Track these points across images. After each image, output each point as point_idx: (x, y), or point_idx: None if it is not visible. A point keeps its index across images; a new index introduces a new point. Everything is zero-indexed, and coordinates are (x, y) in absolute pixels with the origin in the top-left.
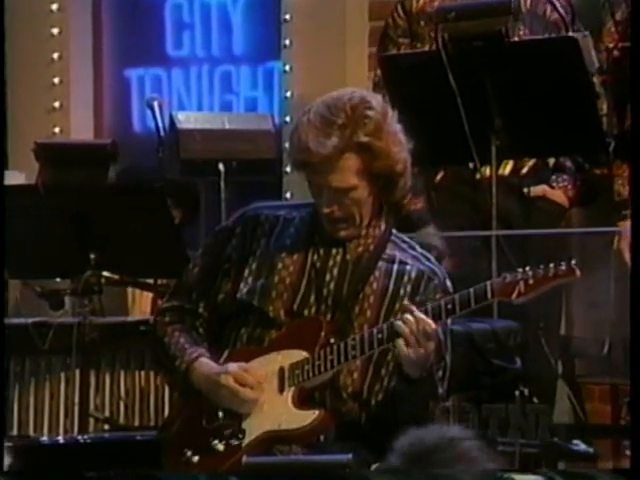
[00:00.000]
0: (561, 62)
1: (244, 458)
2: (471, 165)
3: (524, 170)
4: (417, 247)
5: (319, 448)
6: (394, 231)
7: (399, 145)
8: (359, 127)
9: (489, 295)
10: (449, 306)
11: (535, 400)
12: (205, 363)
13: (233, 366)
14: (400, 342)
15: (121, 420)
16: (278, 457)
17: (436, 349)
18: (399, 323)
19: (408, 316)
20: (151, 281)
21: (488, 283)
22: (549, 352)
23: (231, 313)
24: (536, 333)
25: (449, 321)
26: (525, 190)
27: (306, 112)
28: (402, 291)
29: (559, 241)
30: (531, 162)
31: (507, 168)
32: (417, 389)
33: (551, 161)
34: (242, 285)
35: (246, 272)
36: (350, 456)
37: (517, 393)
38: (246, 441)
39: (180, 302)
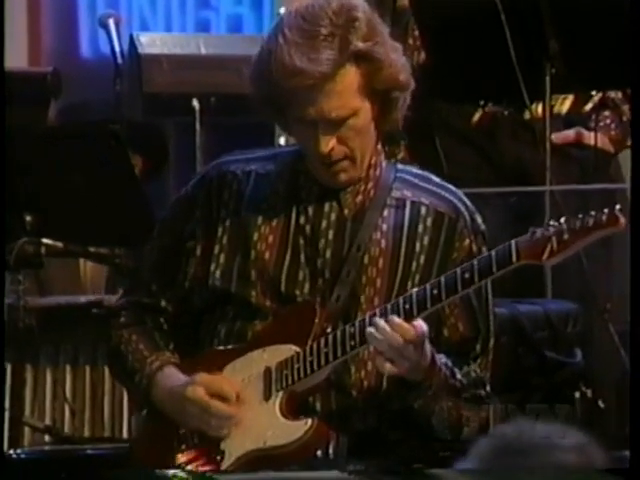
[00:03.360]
0: None
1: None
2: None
3: (587, 107)
4: (433, 177)
5: (327, 467)
6: (399, 165)
7: (396, 51)
8: (350, 33)
9: (514, 257)
10: (466, 275)
11: (601, 404)
12: (169, 374)
13: (201, 375)
14: (379, 360)
15: (66, 430)
16: (265, 474)
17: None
18: (371, 334)
19: (379, 322)
20: (106, 251)
21: (512, 243)
22: (619, 342)
23: (203, 305)
24: (602, 318)
25: (489, 294)
26: (554, 137)
27: (276, 31)
28: (418, 246)
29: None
30: (597, 98)
31: (565, 104)
32: (419, 394)
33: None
34: (213, 267)
35: (216, 249)
36: (355, 468)
37: (577, 395)
38: (226, 464)
39: (137, 297)
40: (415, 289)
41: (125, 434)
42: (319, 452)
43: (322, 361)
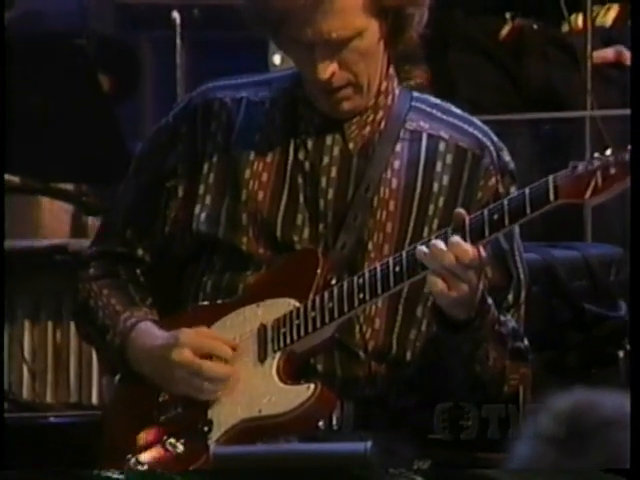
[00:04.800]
0: None
1: (212, 448)
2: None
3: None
4: (454, 108)
5: (328, 439)
6: (415, 93)
7: None
8: None
9: (552, 196)
10: (494, 216)
11: None
12: (146, 331)
13: (187, 333)
14: (432, 277)
15: (24, 395)
16: (262, 446)
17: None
18: (423, 252)
19: (436, 242)
20: (71, 187)
21: (550, 178)
22: None
23: (186, 254)
24: None
25: (517, 239)
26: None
27: None
28: (436, 186)
29: None
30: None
31: (609, 15)
32: (468, 336)
33: None
34: (197, 209)
35: (201, 189)
36: (369, 444)
37: (621, 354)
38: (214, 436)
39: (109, 245)
40: (434, 235)
41: (94, 400)
42: (321, 423)
43: (326, 317)
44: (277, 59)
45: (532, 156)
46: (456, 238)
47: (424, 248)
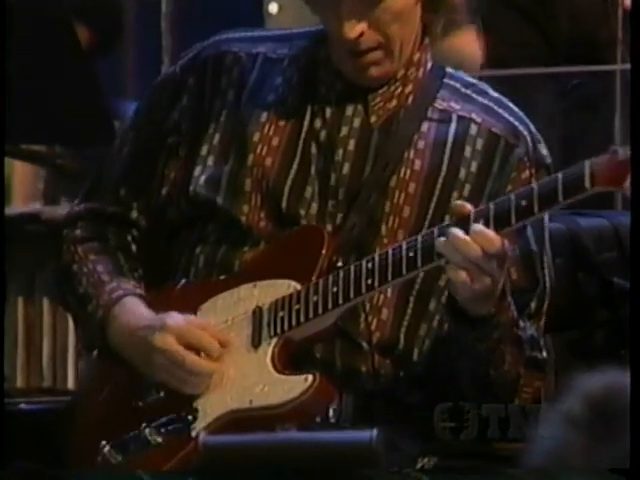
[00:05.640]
0: None
1: (202, 437)
2: None
3: None
4: (490, 90)
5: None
6: (448, 69)
7: None
8: None
9: (587, 182)
10: (522, 202)
11: None
12: (131, 308)
13: (175, 319)
14: (453, 269)
15: None
16: (257, 436)
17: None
18: (442, 244)
19: (457, 231)
20: (44, 149)
21: (586, 164)
22: None
23: (180, 220)
24: None
25: (546, 217)
26: None
27: None
28: (463, 172)
29: None
30: None
31: None
32: (485, 334)
33: None
34: (198, 171)
35: (204, 149)
36: (375, 433)
37: None
38: (199, 426)
39: (101, 204)
40: (454, 219)
41: (70, 384)
42: (318, 418)
43: (329, 303)
44: (274, 7)
45: (557, 114)
46: (479, 226)
47: (443, 239)
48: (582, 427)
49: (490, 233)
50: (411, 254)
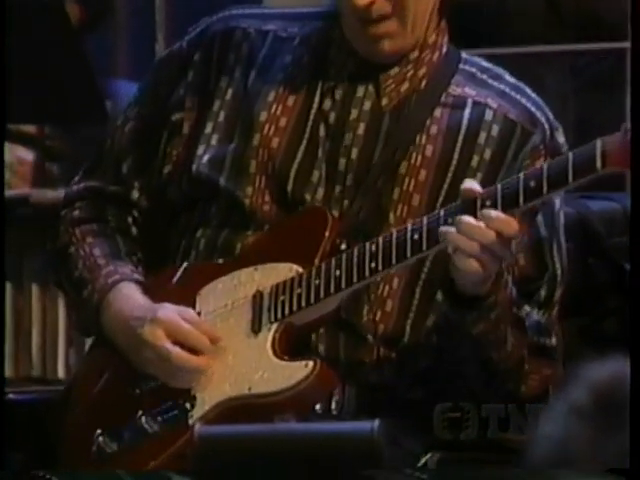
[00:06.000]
0: None
1: (197, 428)
2: None
3: None
4: (506, 75)
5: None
6: (464, 54)
7: None
8: None
9: (598, 163)
10: (531, 183)
11: None
12: (126, 295)
13: (166, 310)
14: (463, 257)
15: None
16: (255, 427)
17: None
18: (450, 233)
19: (466, 219)
20: (33, 129)
21: (598, 143)
22: None
23: (182, 201)
24: None
25: (557, 203)
26: None
27: None
28: (476, 159)
29: None
30: None
31: None
32: (482, 315)
33: None
34: (201, 150)
35: (208, 127)
36: (377, 424)
37: None
38: (196, 415)
39: (101, 182)
40: (459, 202)
41: (60, 374)
42: (318, 406)
43: (331, 287)
44: None
45: (567, 92)
46: (491, 211)
47: (453, 229)
48: (587, 418)
49: (504, 215)
50: (416, 237)
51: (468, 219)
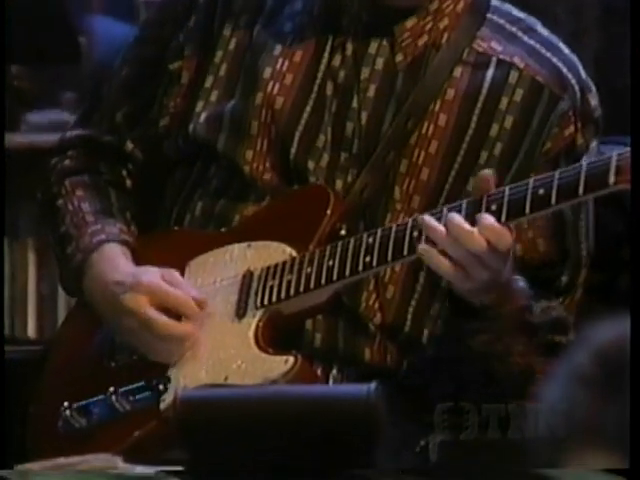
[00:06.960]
0: None
1: (179, 393)
2: None
3: None
4: (539, 27)
5: None
6: (494, 1)
7: None
8: None
9: (611, 178)
10: (540, 191)
11: None
12: (109, 258)
13: (150, 275)
14: (442, 260)
15: None
16: (243, 389)
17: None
18: (437, 229)
19: (456, 218)
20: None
21: (613, 157)
22: None
23: (178, 157)
24: None
25: (590, 212)
26: None
27: None
28: (496, 127)
29: None
30: None
31: None
32: (484, 326)
33: None
34: (199, 106)
35: (208, 81)
36: (373, 387)
37: None
38: (168, 399)
39: (94, 130)
40: (465, 200)
41: (30, 332)
42: None
43: (322, 277)
44: None
45: (576, 30)
46: (489, 218)
47: (440, 226)
48: (592, 384)
49: (498, 226)
50: (415, 233)
51: (459, 220)
